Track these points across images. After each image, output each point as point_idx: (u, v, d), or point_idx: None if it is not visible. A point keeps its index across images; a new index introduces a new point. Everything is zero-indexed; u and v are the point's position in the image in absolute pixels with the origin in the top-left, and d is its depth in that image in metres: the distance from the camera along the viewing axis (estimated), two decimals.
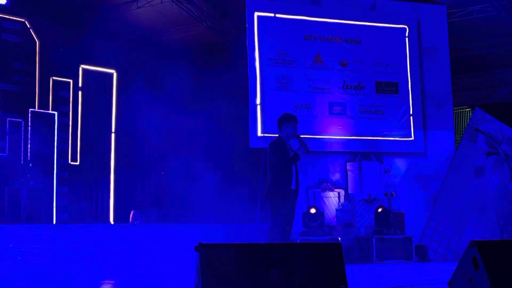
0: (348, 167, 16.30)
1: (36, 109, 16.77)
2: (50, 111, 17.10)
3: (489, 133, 16.05)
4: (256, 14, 15.84)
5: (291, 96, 15.80)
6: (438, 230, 15.56)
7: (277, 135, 9.47)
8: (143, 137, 23.69)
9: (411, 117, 16.66)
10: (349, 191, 16.13)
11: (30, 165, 15.78)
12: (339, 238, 14.32)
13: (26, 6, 16.76)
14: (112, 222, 17.65)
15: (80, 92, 17.84)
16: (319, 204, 15.77)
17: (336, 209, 15.92)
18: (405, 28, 16.96)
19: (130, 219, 18.89)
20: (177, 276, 11.40)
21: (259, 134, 15.43)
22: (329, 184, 16.30)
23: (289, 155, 8.99)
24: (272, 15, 16.02)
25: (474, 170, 15.84)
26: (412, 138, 16.64)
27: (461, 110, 20.75)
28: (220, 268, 4.60)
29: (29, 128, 16.50)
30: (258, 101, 15.60)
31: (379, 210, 15.19)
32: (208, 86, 21.97)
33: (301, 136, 9.47)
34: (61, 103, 17.44)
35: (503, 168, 15.94)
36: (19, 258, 11.33)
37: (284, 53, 15.91)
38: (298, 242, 13.05)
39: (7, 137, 16.32)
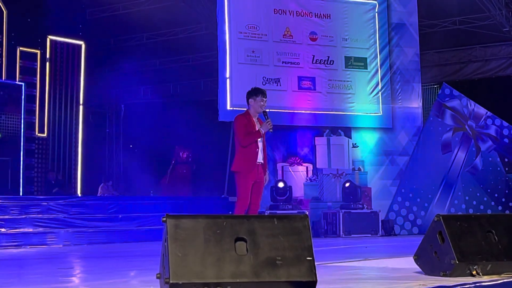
0: (316, 142, 16.34)
1: (3, 80, 16.56)
2: (17, 82, 16.90)
3: (456, 109, 16.15)
4: None
5: (260, 70, 15.76)
6: (405, 205, 15.68)
7: (246, 109, 9.44)
8: (111, 110, 23.58)
9: (380, 93, 16.72)
10: (317, 166, 16.17)
11: None
12: (307, 212, 14.36)
13: None
14: (79, 194, 17.55)
15: (47, 63, 17.63)
16: (287, 178, 15.81)
17: (304, 184, 15.97)
18: (375, 4, 16.97)
19: (99, 192, 18.81)
20: (144, 247, 11.39)
21: (228, 107, 15.39)
22: (297, 158, 16.33)
23: (254, 129, 8.94)
24: None
25: (441, 146, 15.95)
26: (381, 113, 16.71)
27: (429, 87, 20.83)
28: (187, 239, 4.59)
29: None
30: (227, 74, 15.55)
31: (347, 185, 15.26)
32: (177, 59, 21.87)
33: (270, 110, 9.44)
34: (28, 74, 17.23)
35: (470, 144, 16.07)
36: None
37: (254, 26, 15.85)
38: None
39: None
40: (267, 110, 8.99)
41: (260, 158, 8.91)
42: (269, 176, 9.64)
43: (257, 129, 8.91)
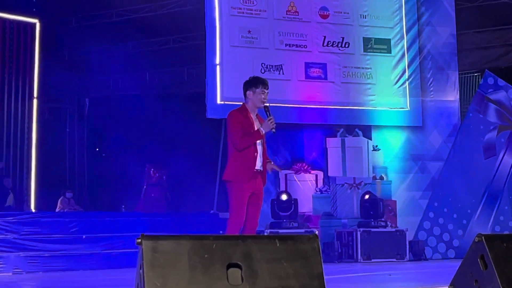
0: (328, 144, 16.37)
1: None
2: None
3: (502, 102, 16.17)
4: None
5: (258, 55, 15.78)
6: (438, 222, 15.70)
7: (242, 103, 9.47)
8: (73, 105, 23.56)
9: (407, 83, 16.75)
10: (329, 174, 16.20)
11: None
12: (316, 231, 14.40)
13: None
14: (33, 210, 17.55)
15: None
16: (292, 189, 15.82)
17: (313, 196, 15.99)
18: None
19: (58, 207, 18.80)
20: (114, 276, 11.40)
21: (219, 101, 15.42)
22: (304, 164, 16.36)
23: (252, 129, 8.95)
24: None
25: (483, 149, 15.97)
26: (408, 108, 16.74)
27: (468, 75, 20.87)
28: (168, 265, 4.60)
29: None
30: (217, 60, 15.57)
31: (366, 197, 15.28)
32: (155, 41, 21.86)
33: (270, 105, 9.46)
34: None
35: None
36: None
37: (251, 1, 15.89)
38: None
39: None
40: (268, 104, 9.00)
41: (259, 165, 8.93)
42: (270, 185, 9.66)
43: (256, 128, 8.92)
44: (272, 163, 9.30)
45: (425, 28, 17.09)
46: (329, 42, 16.36)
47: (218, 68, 15.55)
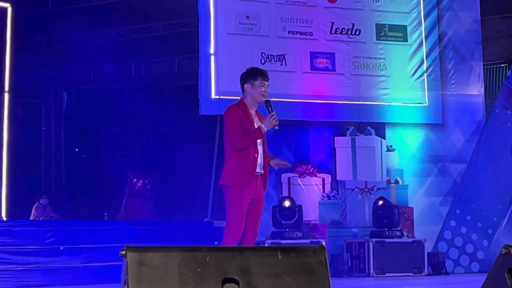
0: (336, 144, 16.38)
1: None
2: None
3: None
4: None
5: (258, 43, 15.79)
6: (461, 232, 15.70)
7: (239, 98, 9.49)
8: (49, 100, 23.57)
9: (425, 75, 16.76)
10: (338, 177, 16.21)
11: None
12: (323, 242, 14.41)
13: None
14: (4, 218, 17.55)
15: None
16: (296, 194, 15.84)
17: (320, 202, 16.00)
18: None
19: (32, 215, 18.81)
20: None
21: (214, 96, 15.43)
22: (309, 166, 16.37)
23: (252, 126, 8.96)
24: None
25: (511, 149, 15.97)
26: (426, 103, 16.75)
27: (494, 66, 20.88)
28: (156, 280, 4.60)
29: None
30: (211, 49, 15.58)
31: (379, 203, 15.30)
32: (142, 28, 21.85)
33: (272, 99, 9.46)
34: None
35: None
36: None
37: None
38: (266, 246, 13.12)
39: None
40: (270, 99, 9.01)
41: (259, 167, 8.94)
42: (271, 190, 9.65)
43: (256, 126, 8.93)
44: (277, 158, 9.30)
45: (446, 13, 17.09)
46: (338, 29, 16.37)
47: (212, 58, 15.56)
